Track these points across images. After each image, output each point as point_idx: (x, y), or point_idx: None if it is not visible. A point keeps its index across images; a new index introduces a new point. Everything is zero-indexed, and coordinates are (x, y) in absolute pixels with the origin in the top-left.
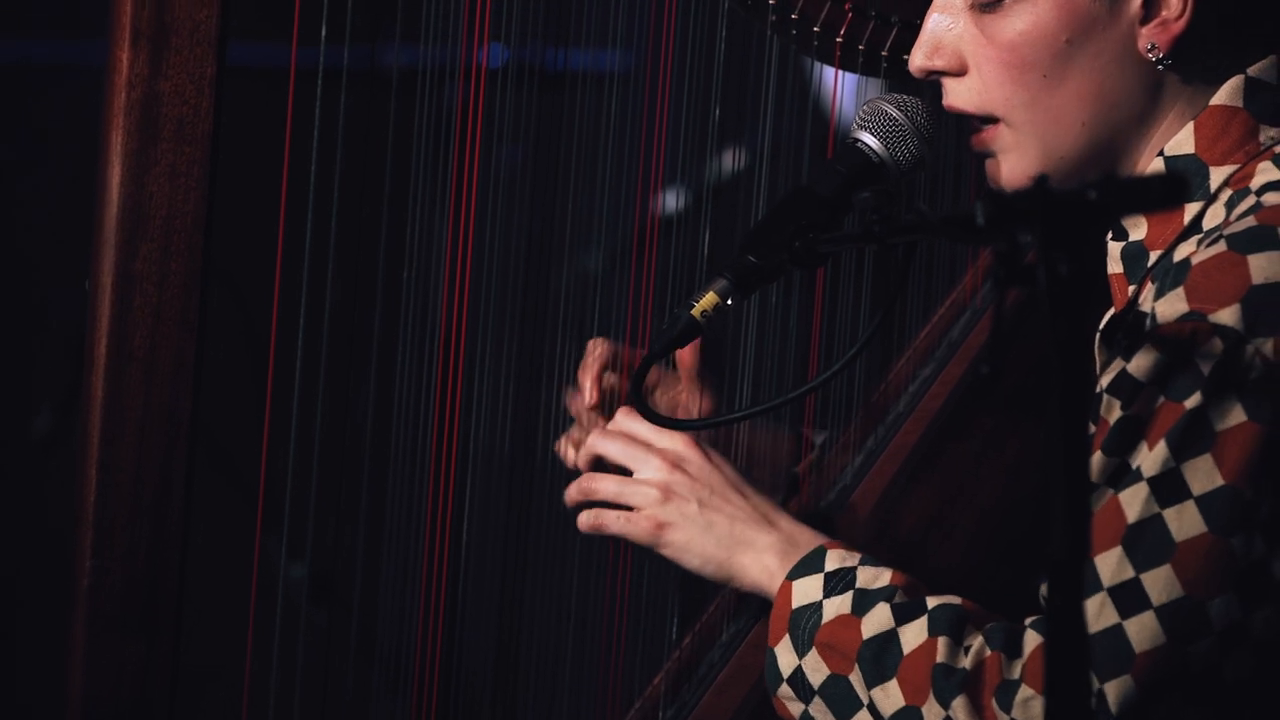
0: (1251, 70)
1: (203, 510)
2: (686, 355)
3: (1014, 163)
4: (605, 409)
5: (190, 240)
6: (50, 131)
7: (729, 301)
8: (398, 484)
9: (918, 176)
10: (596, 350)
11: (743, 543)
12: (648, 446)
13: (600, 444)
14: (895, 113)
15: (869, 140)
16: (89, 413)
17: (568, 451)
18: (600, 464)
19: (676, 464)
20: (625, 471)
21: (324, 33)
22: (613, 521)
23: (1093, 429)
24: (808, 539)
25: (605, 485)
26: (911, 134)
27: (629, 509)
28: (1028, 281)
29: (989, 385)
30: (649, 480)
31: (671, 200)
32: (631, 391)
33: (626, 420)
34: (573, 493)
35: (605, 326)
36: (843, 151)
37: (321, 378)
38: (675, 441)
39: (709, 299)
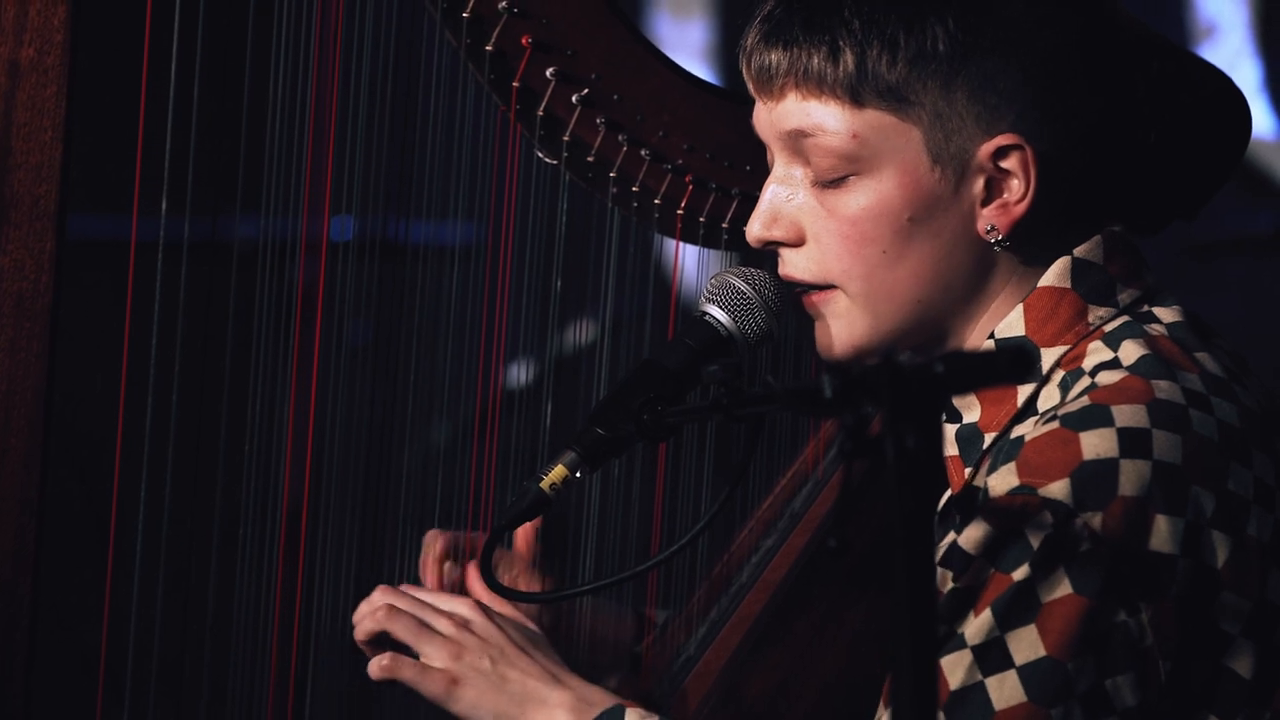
0: (1077, 251)
1: (44, 689)
2: (521, 540)
3: (842, 331)
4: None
5: (31, 415)
6: None
7: (578, 474)
8: (239, 664)
9: (762, 349)
10: (435, 545)
11: (535, 700)
12: (435, 609)
13: (389, 597)
14: (743, 286)
15: (717, 314)
16: None
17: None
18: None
19: (464, 624)
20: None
21: (164, 205)
22: (407, 669)
23: None
24: (601, 698)
25: (405, 625)
26: (759, 307)
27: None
28: (875, 454)
29: (836, 559)
30: (442, 635)
31: (515, 374)
32: (481, 565)
33: (413, 588)
34: (367, 625)
35: (449, 503)
36: (691, 324)
37: (162, 554)
38: (460, 606)
39: (558, 472)
